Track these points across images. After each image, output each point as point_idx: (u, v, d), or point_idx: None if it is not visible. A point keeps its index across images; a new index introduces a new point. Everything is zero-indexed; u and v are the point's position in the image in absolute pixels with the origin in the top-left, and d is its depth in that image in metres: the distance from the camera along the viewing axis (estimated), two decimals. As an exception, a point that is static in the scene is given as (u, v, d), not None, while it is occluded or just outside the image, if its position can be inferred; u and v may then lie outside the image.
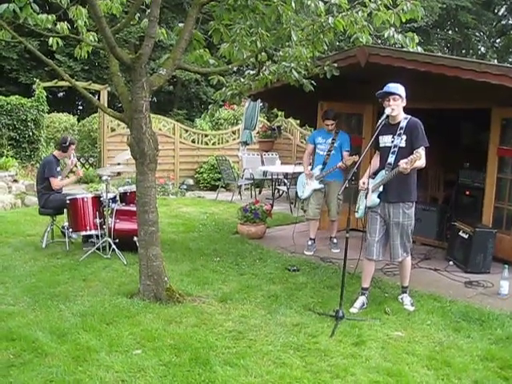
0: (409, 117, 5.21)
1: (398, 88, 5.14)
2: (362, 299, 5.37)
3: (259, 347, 4.35)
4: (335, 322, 4.85)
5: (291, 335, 4.60)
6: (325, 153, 7.43)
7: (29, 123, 12.95)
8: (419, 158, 4.88)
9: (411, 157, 4.88)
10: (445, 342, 4.56)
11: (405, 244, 5.31)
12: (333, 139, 7.42)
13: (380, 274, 6.29)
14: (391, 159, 5.15)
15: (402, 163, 4.93)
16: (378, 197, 5.27)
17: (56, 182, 7.51)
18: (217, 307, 5.23)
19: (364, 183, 5.32)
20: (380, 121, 5.12)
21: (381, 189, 5.24)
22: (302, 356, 4.23)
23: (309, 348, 4.37)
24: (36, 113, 13.08)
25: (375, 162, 5.49)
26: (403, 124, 5.16)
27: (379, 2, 5.36)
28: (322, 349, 4.35)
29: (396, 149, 5.14)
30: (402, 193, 5.20)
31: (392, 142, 5.18)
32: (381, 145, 5.33)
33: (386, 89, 5.15)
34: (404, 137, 5.11)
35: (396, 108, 5.12)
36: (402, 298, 5.49)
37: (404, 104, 5.20)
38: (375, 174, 5.39)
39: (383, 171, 5.24)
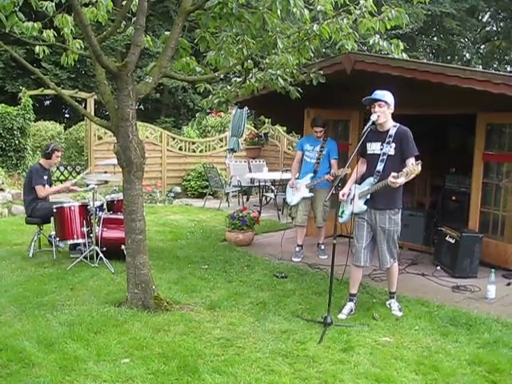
0: (398, 125, 5.22)
1: (384, 95, 5.16)
2: (350, 305, 5.38)
3: (248, 354, 4.34)
4: (323, 329, 4.85)
5: (280, 342, 4.59)
6: (314, 160, 7.45)
7: (15, 132, 12.85)
8: (416, 172, 4.85)
9: (406, 169, 4.86)
10: (433, 347, 4.57)
11: (391, 250, 5.33)
12: (321, 147, 7.44)
13: (368, 280, 6.31)
14: (380, 167, 5.17)
15: (391, 178, 4.92)
16: (365, 203, 5.29)
17: (42, 190, 7.47)
18: (205, 315, 5.22)
19: (344, 195, 5.37)
20: (366, 127, 5.13)
21: (368, 196, 5.26)
22: (290, 363, 4.22)
23: (297, 355, 4.36)
24: (22, 121, 12.99)
25: (361, 168, 5.50)
26: (392, 132, 5.17)
27: (364, 9, 5.42)
28: (311, 355, 4.35)
29: (385, 157, 5.16)
30: (389, 200, 5.21)
31: (381, 149, 5.19)
32: (368, 152, 5.33)
33: (372, 95, 5.18)
34: (393, 145, 5.13)
35: (382, 115, 5.13)
36: (389, 304, 5.50)
37: (392, 111, 5.21)
38: (362, 180, 5.40)
39: (371, 178, 5.25)
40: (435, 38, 28.42)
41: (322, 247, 7.71)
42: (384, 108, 5.13)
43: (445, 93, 6.63)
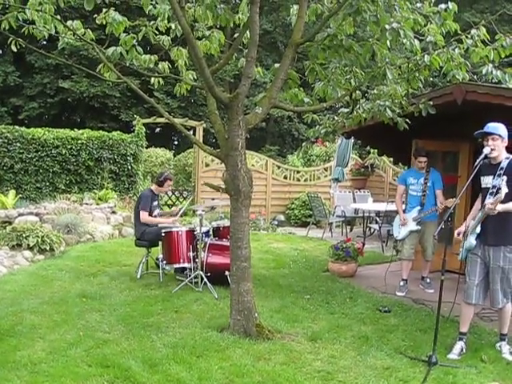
0: (511, 156, 5.02)
1: (497, 128, 4.97)
2: (460, 344, 5.14)
3: (348, 389, 4.25)
4: (428, 368, 4.67)
5: (382, 379, 4.47)
6: (420, 193, 7.31)
7: (128, 157, 13.58)
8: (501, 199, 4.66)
9: (496, 196, 4.70)
10: (548, 396, 4.28)
11: (505, 289, 5.05)
12: (425, 178, 7.29)
13: (476, 319, 6.00)
14: (489, 200, 4.98)
15: (488, 203, 4.75)
16: (476, 239, 5.08)
17: (145, 216, 7.72)
18: (306, 346, 5.17)
19: (459, 234, 5.18)
20: (478, 161, 4.96)
21: (478, 230, 5.05)
22: (392, 401, 4.11)
23: (400, 393, 4.23)
24: (135, 148, 13.71)
25: (477, 205, 5.31)
26: (504, 164, 4.97)
27: (476, 38, 5.27)
28: (414, 395, 4.20)
29: (494, 190, 4.95)
30: (502, 235, 4.97)
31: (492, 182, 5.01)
32: (482, 186, 5.14)
33: (485, 129, 5.00)
34: (504, 178, 4.91)
35: (496, 148, 4.95)
36: (500, 346, 5.20)
37: (505, 144, 5.01)
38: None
39: (480, 213, 5.06)
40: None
41: (428, 280, 7.47)
42: (497, 141, 4.94)
43: None
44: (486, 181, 5.09)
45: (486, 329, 5.81)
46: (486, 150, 4.96)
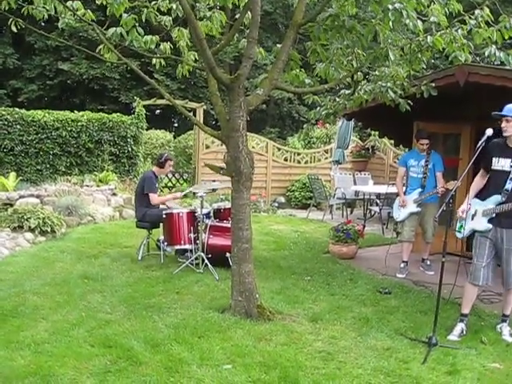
0: None
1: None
2: (460, 326, 5.16)
3: (349, 370, 4.28)
4: (428, 349, 4.69)
5: (382, 359, 4.49)
6: (420, 175, 7.31)
7: (128, 139, 13.52)
8: None
9: None
10: (547, 377, 4.30)
11: None
12: (426, 160, 7.29)
13: (476, 301, 5.99)
14: (509, 185, 4.92)
15: None
16: (489, 222, 5.06)
17: (155, 198, 7.77)
18: (307, 327, 5.20)
19: (463, 212, 5.16)
20: (480, 142, 4.94)
21: (493, 214, 5.04)
22: (392, 382, 4.13)
23: (400, 374, 4.25)
24: (135, 129, 13.65)
25: (480, 183, 5.27)
26: None
27: (480, 19, 5.21)
28: (414, 375, 4.22)
29: None
30: None
31: (511, 166, 4.96)
32: (495, 167, 5.07)
33: (503, 111, 4.94)
34: None
35: (509, 129, 4.91)
36: (500, 328, 5.21)
37: None
38: (484, 196, 5.19)
39: (498, 197, 4.99)
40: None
41: (428, 262, 7.50)
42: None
43: None
44: (502, 163, 5.02)
45: (485, 311, 5.83)
46: (488, 132, 4.94)
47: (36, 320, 5.10)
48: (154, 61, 6.22)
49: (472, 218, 5.17)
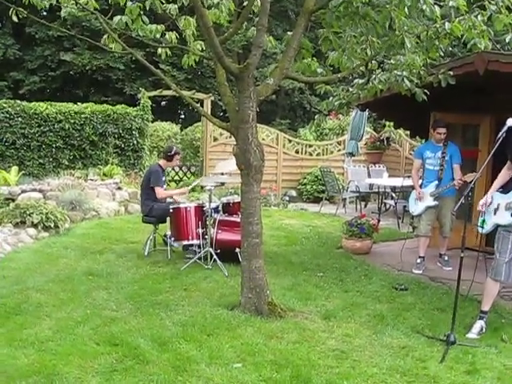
0: None
1: None
2: (480, 323, 4.99)
3: (363, 369, 4.16)
4: (446, 347, 4.55)
5: (398, 358, 4.36)
6: (437, 168, 7.10)
7: (133, 132, 13.36)
8: None
9: None
10: None
11: None
12: (443, 152, 7.09)
13: (496, 298, 5.84)
14: None
15: None
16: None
17: (161, 192, 7.64)
18: (320, 324, 5.08)
19: (483, 205, 4.98)
20: (501, 133, 4.76)
21: None
22: (409, 381, 4.01)
23: (416, 373, 4.12)
24: (141, 122, 13.46)
25: (505, 176, 5.08)
26: None
27: (501, 4, 5.01)
28: (431, 375, 4.09)
29: None
30: None
31: None
32: None
33: None
34: None
35: None
36: (521, 325, 5.06)
37: None
38: (502, 188, 5.01)
39: None
40: None
41: (446, 258, 7.30)
42: None
43: None
44: None
45: (506, 308, 5.66)
46: (509, 122, 4.75)
47: (40, 317, 5.03)
48: (159, 51, 6.09)
49: (495, 213, 4.99)
